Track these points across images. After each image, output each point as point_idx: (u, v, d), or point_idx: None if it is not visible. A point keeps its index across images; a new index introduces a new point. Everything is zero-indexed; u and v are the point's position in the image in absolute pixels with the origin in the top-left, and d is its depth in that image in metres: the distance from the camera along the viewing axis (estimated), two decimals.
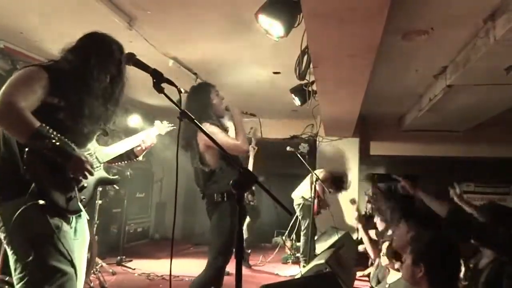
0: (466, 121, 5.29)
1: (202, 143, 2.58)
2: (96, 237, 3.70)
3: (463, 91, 3.73)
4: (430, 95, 4.26)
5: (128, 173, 4.99)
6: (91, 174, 1.70)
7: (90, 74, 1.77)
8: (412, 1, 2.50)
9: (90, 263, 3.45)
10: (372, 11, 2.13)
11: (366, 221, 4.41)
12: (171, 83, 1.61)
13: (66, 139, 1.62)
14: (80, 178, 1.70)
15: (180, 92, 1.63)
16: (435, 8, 2.57)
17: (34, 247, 1.56)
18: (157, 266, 4.60)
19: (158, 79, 1.61)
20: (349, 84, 3.52)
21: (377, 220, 3.98)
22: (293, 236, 6.55)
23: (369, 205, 6.32)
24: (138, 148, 2.23)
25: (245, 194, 4.05)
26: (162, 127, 2.49)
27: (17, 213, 1.53)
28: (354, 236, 5.13)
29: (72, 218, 1.77)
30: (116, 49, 1.88)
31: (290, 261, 5.72)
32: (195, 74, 4.41)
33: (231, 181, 1.35)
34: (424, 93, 4.53)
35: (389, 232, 3.60)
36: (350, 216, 5.84)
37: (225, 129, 2.71)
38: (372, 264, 3.97)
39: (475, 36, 2.87)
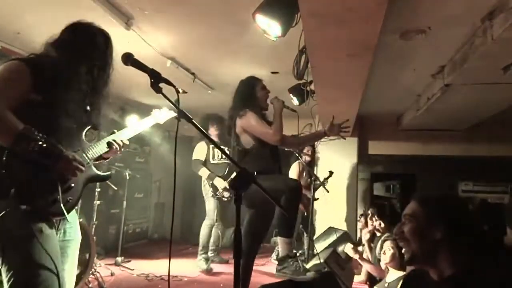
0: (464, 121, 5.30)
1: (239, 125, 2.86)
2: (94, 237, 3.69)
3: (460, 90, 3.74)
4: (428, 94, 4.27)
5: (127, 173, 4.98)
6: (81, 171, 1.65)
7: (74, 69, 1.72)
8: (410, 1, 2.50)
9: (89, 264, 3.45)
10: (369, 11, 2.13)
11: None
12: (169, 83, 1.60)
13: (52, 139, 1.55)
14: (69, 178, 1.67)
15: (178, 92, 1.62)
16: (432, 7, 2.58)
17: (18, 251, 1.54)
18: (156, 267, 4.60)
19: (156, 79, 1.60)
20: (347, 83, 3.53)
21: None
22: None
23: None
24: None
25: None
26: (161, 115, 2.39)
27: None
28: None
29: (59, 220, 1.72)
30: (101, 40, 1.83)
31: None
32: (193, 74, 4.41)
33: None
34: (422, 92, 4.54)
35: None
36: (349, 216, 5.85)
37: (266, 120, 2.94)
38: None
39: (473, 35, 2.87)
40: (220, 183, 4.66)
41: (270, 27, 2.42)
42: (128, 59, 1.67)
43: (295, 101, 4.30)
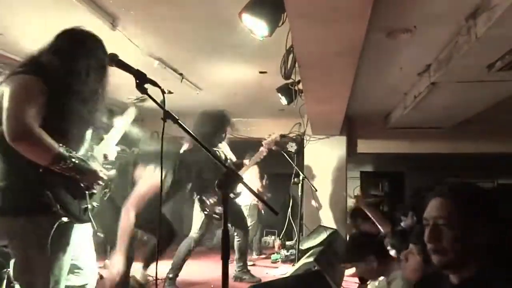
0: (451, 118, 5.36)
1: None
2: None
3: (446, 88, 3.78)
4: (414, 92, 4.31)
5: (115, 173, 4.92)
6: (104, 182, 1.85)
7: (76, 77, 1.76)
8: (395, 0, 2.52)
9: None
10: (355, 10, 2.14)
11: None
12: (154, 83, 1.60)
13: (63, 145, 1.65)
14: (95, 187, 1.83)
15: (163, 92, 1.62)
16: (417, 6, 2.60)
17: (46, 261, 1.66)
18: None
19: (141, 80, 1.59)
20: (335, 82, 3.54)
21: None
22: (283, 235, 6.60)
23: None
24: None
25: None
26: (131, 110, 2.59)
27: (53, 229, 1.62)
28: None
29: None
30: (99, 47, 1.88)
31: (279, 260, 5.73)
32: (180, 74, 4.38)
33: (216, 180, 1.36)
34: (409, 90, 4.58)
35: None
36: (339, 215, 5.88)
37: None
38: None
39: (457, 34, 2.90)
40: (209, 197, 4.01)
41: (257, 27, 2.41)
42: (113, 60, 1.66)
43: (283, 100, 4.31)
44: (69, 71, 1.74)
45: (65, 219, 1.66)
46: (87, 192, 1.81)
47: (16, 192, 1.65)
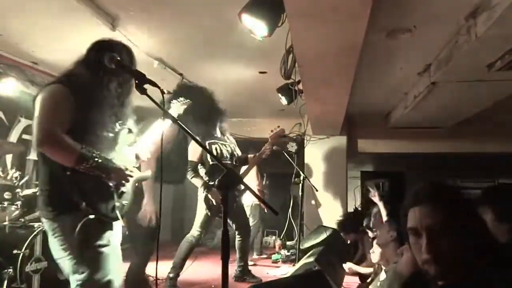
0: (451, 118, 5.36)
1: None
2: None
3: (446, 88, 3.78)
4: (415, 92, 4.31)
5: None
6: (130, 178, 1.92)
7: (106, 87, 1.87)
8: (395, 0, 2.52)
9: None
10: (354, 11, 2.14)
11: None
12: (153, 84, 1.60)
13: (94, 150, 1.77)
14: (121, 185, 1.92)
15: (163, 93, 1.63)
16: (417, 6, 2.60)
17: (92, 257, 1.77)
18: (148, 268, 4.56)
19: (141, 80, 1.60)
20: (335, 82, 3.54)
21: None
22: (283, 235, 6.60)
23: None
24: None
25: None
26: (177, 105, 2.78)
27: (78, 228, 1.73)
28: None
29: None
30: (126, 57, 1.95)
31: (280, 260, 5.73)
32: (180, 74, 4.38)
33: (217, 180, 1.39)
34: (409, 90, 4.58)
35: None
36: (339, 215, 5.88)
37: None
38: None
39: (457, 34, 2.90)
40: (215, 197, 3.82)
41: (256, 27, 2.41)
42: (112, 60, 1.66)
43: (283, 100, 4.31)
44: (95, 82, 1.84)
45: (92, 216, 1.76)
46: (115, 191, 1.90)
47: (52, 194, 1.80)
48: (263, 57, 3.80)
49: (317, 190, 4.92)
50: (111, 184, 1.88)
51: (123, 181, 1.91)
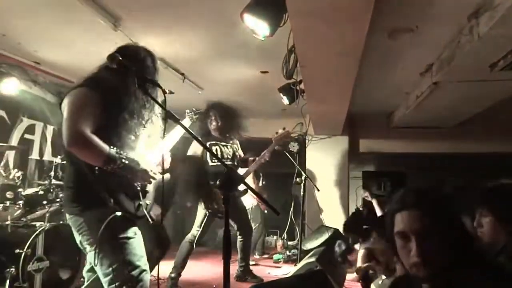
0: (453, 118, 5.35)
1: None
2: None
3: (448, 88, 3.77)
4: (417, 92, 4.30)
5: None
6: (155, 179, 1.96)
7: (132, 91, 1.89)
8: (397, 0, 2.52)
9: (79, 267, 3.42)
10: (356, 10, 2.14)
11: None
12: (155, 84, 1.61)
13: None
14: (146, 185, 1.98)
15: (164, 92, 1.64)
16: (419, 6, 2.60)
17: (118, 251, 1.81)
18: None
19: (142, 80, 1.60)
20: (336, 82, 3.54)
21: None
22: (285, 235, 6.59)
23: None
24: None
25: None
26: (185, 121, 3.03)
27: (105, 222, 1.77)
28: None
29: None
30: (150, 62, 2.01)
31: (281, 260, 5.73)
32: (182, 74, 4.39)
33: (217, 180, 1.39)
34: (411, 90, 4.57)
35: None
36: (341, 215, 5.88)
37: None
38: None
39: (459, 34, 2.90)
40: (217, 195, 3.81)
41: (258, 27, 2.41)
42: (114, 60, 1.67)
43: (285, 100, 4.31)
44: (120, 86, 1.87)
45: (119, 213, 1.81)
46: (140, 190, 1.96)
47: (78, 192, 1.86)
48: (265, 57, 3.80)
49: (318, 190, 4.92)
50: (136, 184, 1.94)
51: (147, 182, 1.96)
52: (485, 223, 1.87)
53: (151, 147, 2.13)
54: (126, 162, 1.80)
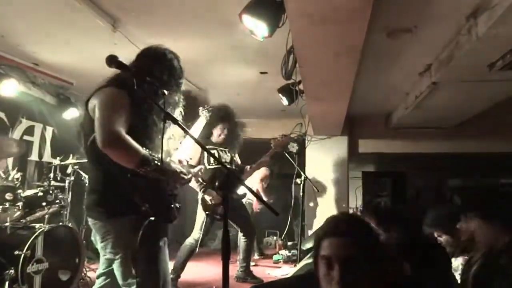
0: (452, 118, 5.35)
1: None
2: (84, 242, 3.64)
3: (448, 88, 3.77)
4: (416, 92, 4.30)
5: None
6: (188, 181, 1.95)
7: (158, 92, 1.86)
8: (396, 0, 2.52)
9: (79, 268, 3.41)
10: (355, 11, 2.14)
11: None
12: (153, 84, 1.61)
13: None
14: (176, 187, 1.94)
15: (163, 93, 1.64)
16: (418, 6, 2.60)
17: (154, 258, 1.78)
18: None
19: (140, 80, 1.60)
20: (336, 83, 3.54)
21: None
22: (284, 236, 6.59)
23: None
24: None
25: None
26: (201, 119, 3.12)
27: (141, 230, 1.71)
28: None
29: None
30: (175, 64, 2.05)
31: (281, 261, 5.73)
32: None
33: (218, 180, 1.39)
34: (410, 90, 4.57)
35: None
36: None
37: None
38: None
39: (458, 34, 2.90)
40: (212, 197, 3.73)
41: (257, 28, 2.41)
42: (112, 61, 1.67)
43: (284, 101, 4.31)
44: (147, 87, 1.84)
45: (152, 218, 1.75)
46: (171, 194, 1.92)
47: (111, 196, 1.78)
48: (263, 58, 3.80)
49: (318, 191, 4.92)
50: (168, 188, 1.89)
51: (179, 185, 1.93)
52: (482, 225, 1.88)
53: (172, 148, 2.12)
54: (159, 164, 1.73)
